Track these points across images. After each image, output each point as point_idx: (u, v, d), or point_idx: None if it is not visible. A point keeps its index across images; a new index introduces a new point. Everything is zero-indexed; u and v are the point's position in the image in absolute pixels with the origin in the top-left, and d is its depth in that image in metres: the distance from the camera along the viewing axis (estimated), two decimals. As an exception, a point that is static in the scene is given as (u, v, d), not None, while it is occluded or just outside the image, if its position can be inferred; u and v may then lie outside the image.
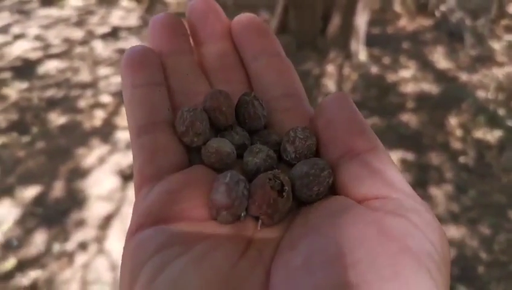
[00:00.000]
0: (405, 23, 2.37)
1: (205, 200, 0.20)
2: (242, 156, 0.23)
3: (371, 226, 0.17)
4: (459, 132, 1.65)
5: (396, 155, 1.54)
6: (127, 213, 1.29)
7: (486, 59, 2.09)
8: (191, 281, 0.17)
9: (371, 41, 2.08)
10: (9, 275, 1.13)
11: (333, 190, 0.21)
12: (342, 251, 0.16)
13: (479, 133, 1.65)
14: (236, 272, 0.17)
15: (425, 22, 2.38)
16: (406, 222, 0.17)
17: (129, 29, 2.22)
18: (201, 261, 0.17)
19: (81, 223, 1.27)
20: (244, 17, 0.26)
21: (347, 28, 1.97)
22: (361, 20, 1.97)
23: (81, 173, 1.42)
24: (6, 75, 1.86)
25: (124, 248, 0.19)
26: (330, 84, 1.87)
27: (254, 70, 0.26)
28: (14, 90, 1.78)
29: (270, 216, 0.20)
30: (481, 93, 1.86)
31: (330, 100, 0.22)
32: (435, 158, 1.54)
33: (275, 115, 0.25)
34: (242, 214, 0.20)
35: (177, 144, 0.22)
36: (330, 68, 1.95)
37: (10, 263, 1.17)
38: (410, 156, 1.54)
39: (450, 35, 2.23)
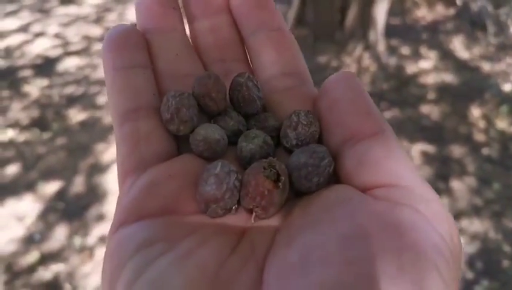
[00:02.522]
0: (425, 13, 2.32)
1: (192, 192, 0.19)
2: (236, 143, 0.21)
3: (374, 218, 0.15)
4: (481, 123, 1.61)
5: (417, 148, 1.51)
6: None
7: (509, 48, 2.03)
8: (173, 282, 0.15)
9: (389, 32, 2.04)
10: (32, 268, 1.15)
11: (336, 177, 0.19)
12: (341, 247, 0.15)
13: (502, 124, 1.61)
14: (224, 271, 0.16)
15: (446, 11, 2.32)
16: (412, 213, 0.16)
17: None
18: (185, 259, 0.16)
19: (101, 218, 1.29)
20: None
21: (366, 19, 1.94)
22: (380, 11, 1.93)
23: (100, 169, 1.44)
24: (28, 72, 1.89)
25: (106, 246, 0.18)
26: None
27: (252, 46, 0.23)
28: (35, 87, 1.81)
29: (265, 209, 0.18)
30: (504, 83, 1.81)
31: (334, 80, 0.20)
32: (457, 150, 1.50)
33: (273, 96, 0.22)
34: (233, 207, 0.19)
35: (163, 132, 0.20)
36: (349, 60, 1.92)
37: (33, 256, 1.18)
38: (431, 148, 1.51)
39: (472, 24, 2.17)
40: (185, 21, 0.25)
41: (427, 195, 0.17)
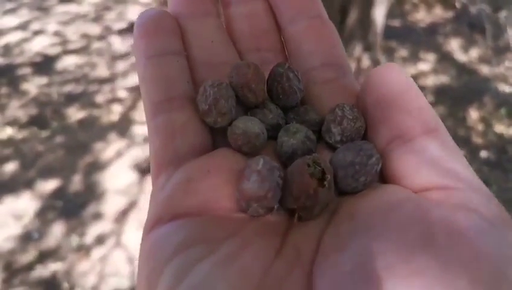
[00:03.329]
0: (423, 15, 2.32)
1: (231, 190, 0.17)
2: (275, 138, 0.20)
3: (437, 224, 0.14)
4: (480, 126, 1.62)
5: (414, 149, 1.51)
6: (144, 207, 1.29)
7: (507, 51, 2.04)
8: (217, 288, 0.14)
9: (388, 33, 2.05)
10: (30, 266, 1.15)
11: (382, 179, 0.18)
12: (404, 256, 0.13)
13: (501, 127, 1.61)
14: (270, 276, 0.15)
15: (444, 13, 2.33)
16: (478, 219, 0.14)
17: None
18: (228, 264, 0.15)
19: (99, 217, 1.29)
20: None
21: (365, 21, 1.94)
22: (380, 13, 1.94)
23: (99, 167, 1.44)
24: (26, 70, 1.89)
25: (141, 247, 0.17)
26: (347, 78, 1.85)
27: (290, 35, 0.22)
28: (34, 85, 1.80)
29: (309, 209, 0.17)
30: (503, 86, 1.81)
31: (380, 72, 0.18)
32: (454, 152, 1.50)
33: (313, 88, 0.21)
34: (276, 207, 0.17)
35: (199, 124, 0.19)
36: (349, 61, 1.92)
37: (31, 254, 1.18)
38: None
39: (470, 26, 2.18)
40: (220, 6, 0.24)
41: (490, 198, 0.15)
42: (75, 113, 1.66)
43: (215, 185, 0.17)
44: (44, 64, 1.92)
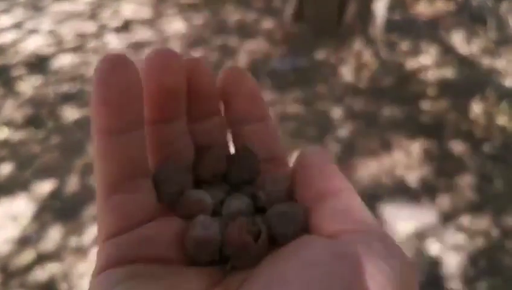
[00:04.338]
0: (425, 8, 2.30)
1: (177, 245, 0.20)
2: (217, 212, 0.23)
3: (328, 250, 0.18)
4: (482, 119, 1.60)
5: (417, 144, 1.49)
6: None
7: (509, 43, 2.02)
8: None
9: (389, 27, 2.03)
10: (28, 268, 1.14)
11: (306, 230, 0.21)
12: (298, 272, 0.17)
13: (503, 120, 1.60)
14: None
15: (446, 6, 2.31)
16: (365, 247, 0.18)
17: (142, 22, 2.20)
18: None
19: (96, 217, 1.27)
20: (234, 76, 0.25)
21: (365, 14, 1.92)
22: (380, 5, 1.91)
23: (96, 167, 1.42)
24: (21, 71, 1.87)
25: (89, 287, 0.19)
26: (348, 72, 1.83)
27: (237, 133, 0.25)
28: (29, 85, 1.79)
29: (242, 259, 0.20)
30: (505, 79, 1.80)
31: (306, 152, 0.23)
32: (457, 147, 1.49)
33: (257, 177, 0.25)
34: (216, 255, 0.20)
35: (153, 201, 0.21)
36: (348, 56, 1.91)
37: (29, 256, 1.18)
38: (431, 145, 1.49)
39: (472, 19, 2.16)
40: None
41: (383, 236, 0.19)
42: (71, 113, 1.64)
43: (163, 242, 0.20)
44: (39, 64, 1.90)
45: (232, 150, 0.25)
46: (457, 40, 2.06)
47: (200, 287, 0.18)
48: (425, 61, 1.92)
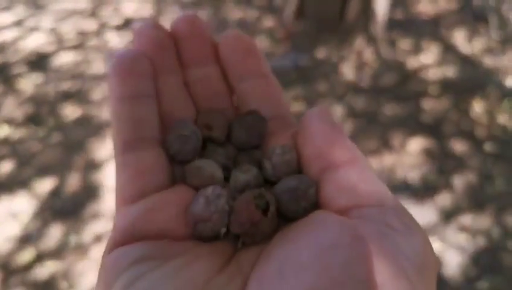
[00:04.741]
0: (427, 6, 2.29)
1: (186, 219, 0.20)
2: (226, 178, 0.22)
3: (345, 231, 0.17)
4: (483, 118, 1.59)
5: (418, 143, 1.49)
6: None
7: (511, 42, 2.01)
8: None
9: (391, 25, 2.02)
10: (28, 266, 1.14)
11: (316, 206, 0.20)
12: (315, 256, 0.16)
13: (504, 119, 1.59)
14: (212, 285, 0.17)
15: (448, 4, 2.30)
16: (382, 227, 0.17)
17: (142, 20, 2.20)
18: (176, 274, 0.17)
19: (96, 215, 1.27)
20: (231, 37, 0.25)
21: (367, 12, 1.92)
22: (382, 3, 1.91)
23: (96, 165, 1.42)
24: (22, 68, 1.87)
25: (100, 266, 0.19)
26: (350, 70, 1.82)
27: (240, 92, 0.25)
28: (30, 83, 1.79)
29: (252, 236, 0.19)
30: (506, 78, 1.79)
31: (309, 115, 0.22)
32: (458, 146, 1.49)
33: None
34: (222, 231, 0.19)
35: (164, 163, 0.22)
36: (350, 53, 1.90)
37: (29, 254, 1.18)
38: (432, 144, 1.49)
39: (474, 17, 2.15)
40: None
41: (399, 211, 0.18)
42: (71, 111, 1.64)
43: (172, 215, 0.20)
44: (40, 62, 1.90)
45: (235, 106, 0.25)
46: (459, 38, 2.05)
47: (210, 267, 0.18)
48: (427, 60, 1.91)
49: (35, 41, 2.04)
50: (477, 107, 1.65)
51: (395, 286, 0.16)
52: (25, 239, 1.21)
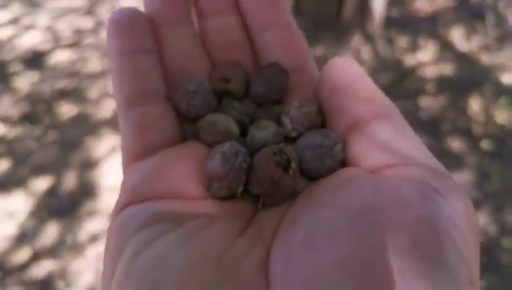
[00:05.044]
0: (424, 4, 2.29)
1: (200, 176, 0.18)
2: (242, 133, 0.21)
3: (384, 193, 0.15)
4: (481, 116, 1.60)
5: (415, 141, 1.49)
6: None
7: (508, 39, 2.01)
8: (176, 260, 0.14)
9: (388, 22, 2.02)
10: (25, 266, 1.14)
11: (343, 164, 0.19)
12: (350, 222, 0.14)
13: (502, 116, 1.59)
14: (230, 253, 0.15)
15: (445, 1, 2.30)
16: (423, 188, 0.15)
17: None
18: (191, 238, 0.15)
19: (93, 214, 1.27)
20: None
21: (364, 10, 1.91)
22: (379, 1, 1.90)
23: (92, 164, 1.42)
24: (18, 67, 1.86)
25: (109, 227, 0.17)
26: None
27: (261, 44, 0.23)
28: (26, 81, 1.78)
29: (273, 196, 0.17)
30: (503, 75, 1.79)
31: (333, 66, 0.20)
32: (456, 143, 1.49)
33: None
34: (239, 190, 0.18)
35: (172, 118, 0.20)
36: (347, 51, 1.90)
37: (25, 253, 1.17)
38: (430, 141, 1.49)
39: (471, 15, 2.15)
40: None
41: (439, 171, 0.16)
42: (68, 110, 1.63)
43: (185, 172, 0.18)
44: (36, 60, 1.89)
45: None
46: (456, 36, 2.05)
47: (229, 231, 0.16)
48: (424, 58, 1.91)
49: (31, 40, 2.03)
50: (474, 104, 1.65)
51: (443, 255, 0.14)
52: (21, 238, 1.20)
